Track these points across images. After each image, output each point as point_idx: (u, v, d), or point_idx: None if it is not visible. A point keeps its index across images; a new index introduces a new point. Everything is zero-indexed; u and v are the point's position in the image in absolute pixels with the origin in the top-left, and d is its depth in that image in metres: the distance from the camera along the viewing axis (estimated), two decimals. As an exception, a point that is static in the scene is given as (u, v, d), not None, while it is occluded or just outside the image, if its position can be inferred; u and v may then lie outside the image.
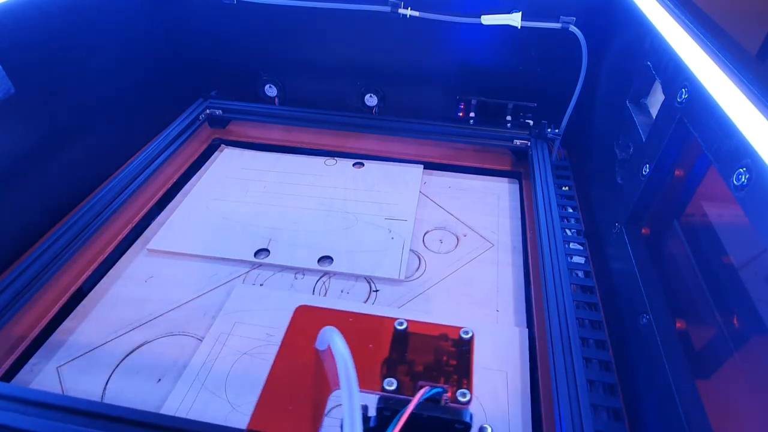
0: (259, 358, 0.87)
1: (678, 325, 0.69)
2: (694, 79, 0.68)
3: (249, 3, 1.27)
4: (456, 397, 0.46)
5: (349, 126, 1.39)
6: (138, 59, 1.29)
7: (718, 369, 0.62)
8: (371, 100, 1.43)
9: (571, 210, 1.13)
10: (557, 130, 1.27)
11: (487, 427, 0.48)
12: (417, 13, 1.20)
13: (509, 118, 1.37)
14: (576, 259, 1.00)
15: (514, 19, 1.15)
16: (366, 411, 0.47)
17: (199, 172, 1.35)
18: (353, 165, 1.38)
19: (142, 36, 1.29)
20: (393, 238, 1.12)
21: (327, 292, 1.00)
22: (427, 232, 1.17)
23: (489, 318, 0.96)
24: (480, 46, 1.29)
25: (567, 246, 1.01)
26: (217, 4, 1.32)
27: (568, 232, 1.07)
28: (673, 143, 0.74)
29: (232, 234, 1.13)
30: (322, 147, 1.45)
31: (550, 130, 1.28)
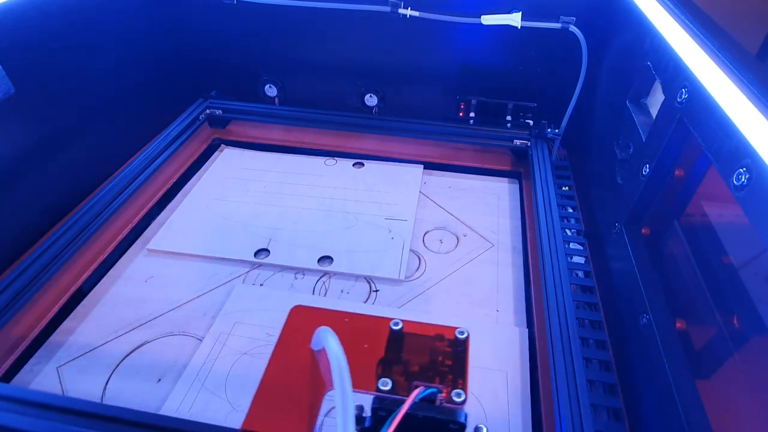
0: (259, 358, 0.86)
1: (678, 325, 0.69)
2: (694, 79, 0.68)
3: (249, 3, 1.27)
4: (451, 397, 0.46)
5: (349, 126, 1.39)
6: (138, 59, 1.29)
7: (718, 369, 0.62)
8: (371, 100, 1.43)
9: (571, 210, 1.13)
10: (557, 130, 1.27)
11: (483, 428, 0.47)
12: (417, 13, 1.20)
13: (509, 118, 1.37)
14: (576, 259, 1.00)
15: (514, 19, 1.15)
16: (361, 411, 0.47)
17: (199, 172, 1.35)
18: (353, 165, 1.38)
19: (142, 36, 1.29)
20: (393, 238, 1.12)
21: (327, 292, 1.00)
22: (427, 232, 1.17)
23: (489, 318, 0.96)
24: (480, 46, 1.29)
25: (567, 246, 1.01)
26: (217, 4, 1.32)
27: (568, 232, 1.07)
28: (673, 143, 0.74)
29: (232, 234, 1.13)
30: (322, 147, 1.45)
31: (550, 130, 1.28)
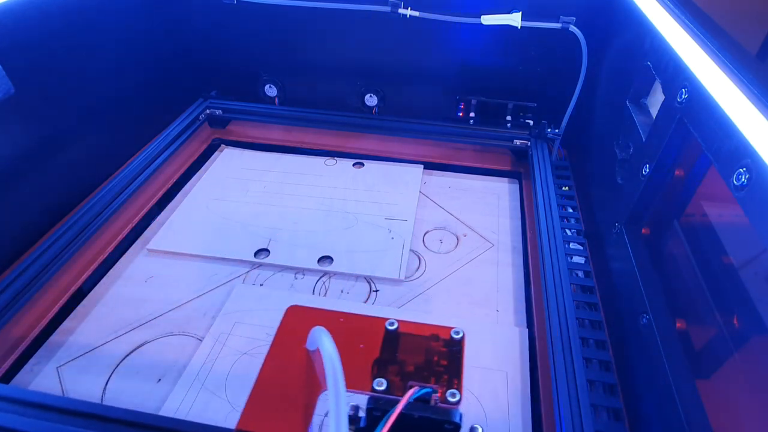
0: (259, 358, 0.85)
1: (678, 325, 0.69)
2: (694, 79, 0.68)
3: (249, 3, 1.27)
4: (446, 397, 0.46)
5: (349, 126, 1.39)
6: (138, 59, 1.29)
7: (718, 369, 0.62)
8: (371, 100, 1.43)
9: (571, 210, 1.13)
10: (557, 130, 1.27)
11: (478, 428, 0.47)
12: (417, 13, 1.20)
13: (509, 118, 1.37)
14: (576, 259, 1.00)
15: (514, 19, 1.15)
16: (357, 411, 0.47)
17: (199, 172, 1.35)
18: (353, 165, 1.38)
19: (142, 36, 1.29)
20: (393, 238, 1.12)
21: (327, 292, 1.00)
22: (427, 232, 1.17)
23: (489, 318, 0.96)
24: (480, 46, 1.29)
25: (567, 246, 1.01)
26: (217, 4, 1.32)
27: (568, 232, 1.07)
28: (673, 143, 0.74)
29: (232, 234, 1.13)
30: (322, 147, 1.45)
31: (550, 130, 1.28)
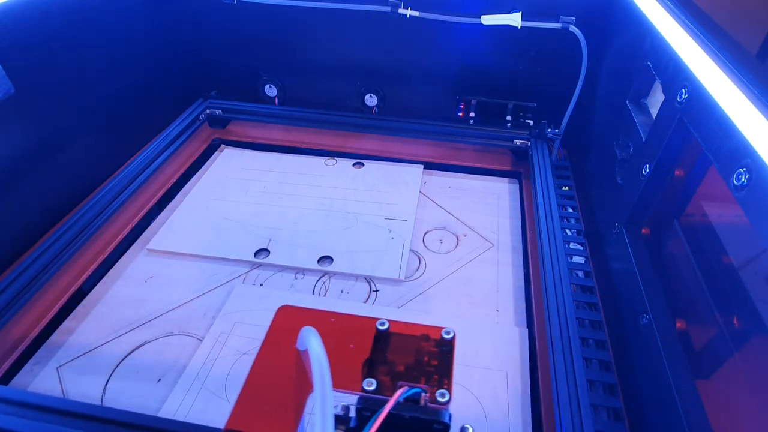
0: (259, 358, 0.86)
1: (678, 325, 0.69)
2: (694, 79, 0.68)
3: (249, 3, 1.27)
4: (435, 397, 0.46)
5: (349, 126, 1.39)
6: (138, 59, 1.29)
7: (718, 369, 0.62)
8: (371, 100, 1.43)
9: (571, 210, 1.13)
10: (557, 130, 1.27)
11: (469, 427, 0.47)
12: (417, 13, 1.20)
13: (509, 118, 1.37)
14: (576, 259, 1.00)
15: (514, 19, 1.15)
16: (347, 411, 0.47)
17: (199, 172, 1.35)
18: (353, 165, 1.38)
19: (142, 36, 1.29)
20: (393, 238, 1.12)
21: (327, 292, 1.00)
22: (427, 232, 1.17)
23: (489, 318, 0.96)
24: (480, 46, 1.29)
25: (567, 246, 1.01)
26: (216, 4, 1.32)
27: (568, 232, 1.07)
28: (673, 143, 0.74)
29: (232, 234, 1.13)
30: (322, 147, 1.45)
31: (550, 130, 1.28)
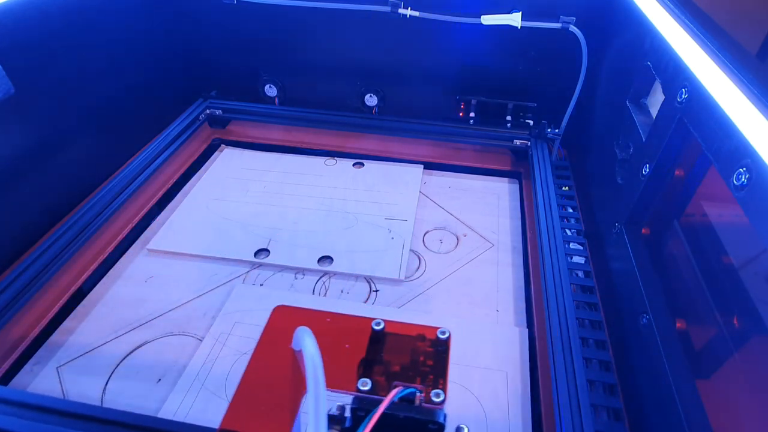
0: (259, 358, 0.86)
1: (678, 325, 0.69)
2: (694, 79, 0.68)
3: (249, 3, 1.27)
4: (430, 397, 0.46)
5: (349, 126, 1.39)
6: (138, 59, 1.29)
7: (718, 369, 0.62)
8: (371, 100, 1.43)
9: (571, 210, 1.13)
10: (557, 130, 1.27)
11: (464, 428, 0.47)
12: (417, 13, 1.20)
13: (509, 118, 1.37)
14: (576, 259, 1.00)
15: (514, 19, 1.15)
16: (343, 411, 0.47)
17: (199, 172, 1.35)
18: (353, 165, 1.38)
19: (142, 36, 1.29)
20: (393, 238, 1.12)
21: (327, 292, 1.00)
22: (427, 232, 1.17)
23: (489, 318, 0.96)
24: (480, 46, 1.29)
25: (567, 246, 1.01)
26: (216, 4, 1.32)
27: (568, 232, 1.07)
28: (673, 143, 0.74)
29: (232, 234, 1.13)
30: (322, 147, 1.45)
31: (550, 130, 1.28)
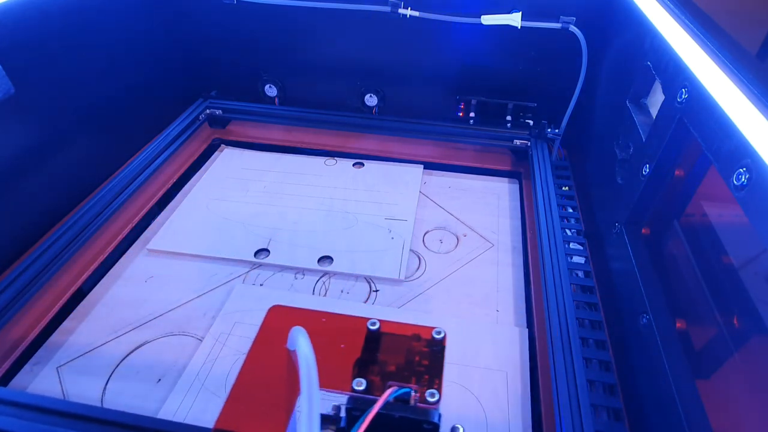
0: (259, 358, 0.86)
1: (678, 325, 0.69)
2: (694, 79, 0.68)
3: (249, 3, 1.27)
4: (425, 397, 0.46)
5: (349, 126, 1.39)
6: (138, 59, 1.29)
7: (718, 369, 0.62)
8: (371, 100, 1.43)
9: (571, 210, 1.13)
10: (557, 130, 1.27)
11: (459, 427, 0.47)
12: (417, 13, 1.20)
13: (509, 118, 1.37)
14: (576, 259, 1.00)
15: (514, 19, 1.15)
16: (338, 411, 0.47)
17: (199, 172, 1.35)
18: (353, 165, 1.38)
19: (142, 36, 1.29)
20: (393, 238, 1.12)
21: (327, 292, 1.00)
22: (427, 232, 1.17)
23: (489, 318, 0.96)
24: (480, 46, 1.29)
25: (567, 246, 1.01)
26: (217, 4, 1.32)
27: (568, 232, 1.07)
28: (673, 143, 0.74)
29: (232, 234, 1.12)
30: (322, 147, 1.45)
31: (550, 130, 1.28)
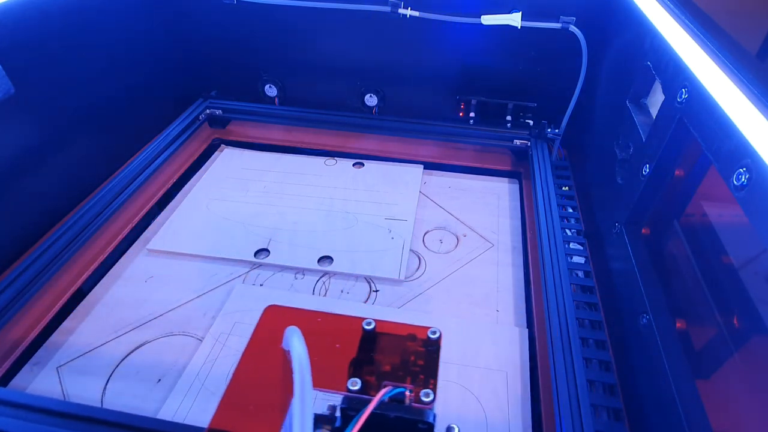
0: (259, 358, 0.86)
1: (678, 325, 0.69)
2: (694, 79, 0.68)
3: (249, 3, 1.27)
4: (420, 397, 0.46)
5: (349, 126, 1.39)
6: (138, 59, 1.29)
7: (718, 369, 0.62)
8: (371, 100, 1.43)
9: (571, 210, 1.13)
10: (557, 130, 1.27)
11: (454, 427, 0.47)
12: (417, 13, 1.20)
13: (509, 118, 1.37)
14: (576, 259, 1.00)
15: (514, 19, 1.15)
16: (334, 411, 0.47)
17: (199, 172, 1.35)
18: (353, 165, 1.38)
19: (142, 36, 1.29)
20: (393, 238, 1.12)
21: (327, 292, 1.00)
22: (427, 232, 1.17)
23: (489, 318, 0.96)
24: (480, 46, 1.29)
25: (567, 246, 1.01)
26: (217, 4, 1.32)
27: (568, 232, 1.07)
28: (673, 143, 0.74)
29: (232, 234, 1.12)
30: (322, 147, 1.45)
31: (550, 130, 1.28)
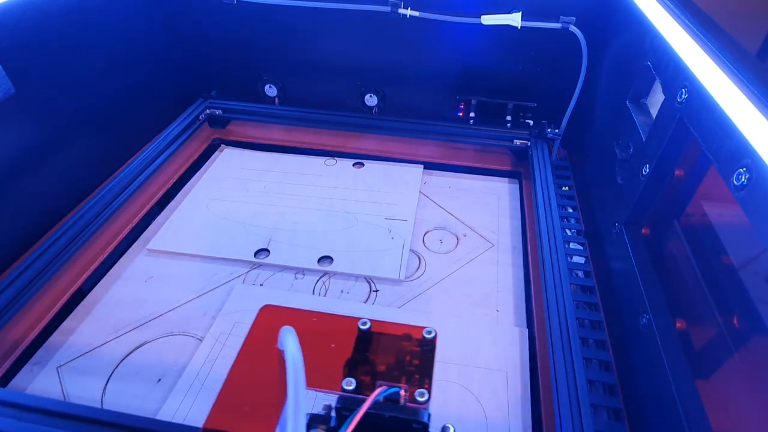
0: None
1: (678, 325, 0.69)
2: (694, 79, 0.68)
3: (249, 3, 1.27)
4: (414, 396, 0.46)
5: (349, 126, 1.39)
6: (138, 59, 1.29)
7: (718, 369, 0.62)
8: (371, 100, 1.43)
9: (571, 210, 1.13)
10: (557, 130, 1.27)
11: (450, 427, 0.48)
12: (417, 13, 1.20)
13: (509, 118, 1.37)
14: (576, 259, 1.00)
15: (514, 19, 1.15)
16: (329, 411, 0.47)
17: (199, 172, 1.35)
18: (353, 165, 1.38)
19: (142, 36, 1.29)
20: (393, 238, 1.12)
21: (327, 292, 1.00)
22: (427, 232, 1.17)
23: (489, 318, 0.96)
24: (480, 46, 1.29)
25: (567, 246, 1.01)
26: (217, 4, 1.32)
27: (568, 232, 1.07)
28: (673, 143, 0.74)
29: (232, 234, 1.12)
30: (322, 147, 1.45)
31: (550, 130, 1.28)
